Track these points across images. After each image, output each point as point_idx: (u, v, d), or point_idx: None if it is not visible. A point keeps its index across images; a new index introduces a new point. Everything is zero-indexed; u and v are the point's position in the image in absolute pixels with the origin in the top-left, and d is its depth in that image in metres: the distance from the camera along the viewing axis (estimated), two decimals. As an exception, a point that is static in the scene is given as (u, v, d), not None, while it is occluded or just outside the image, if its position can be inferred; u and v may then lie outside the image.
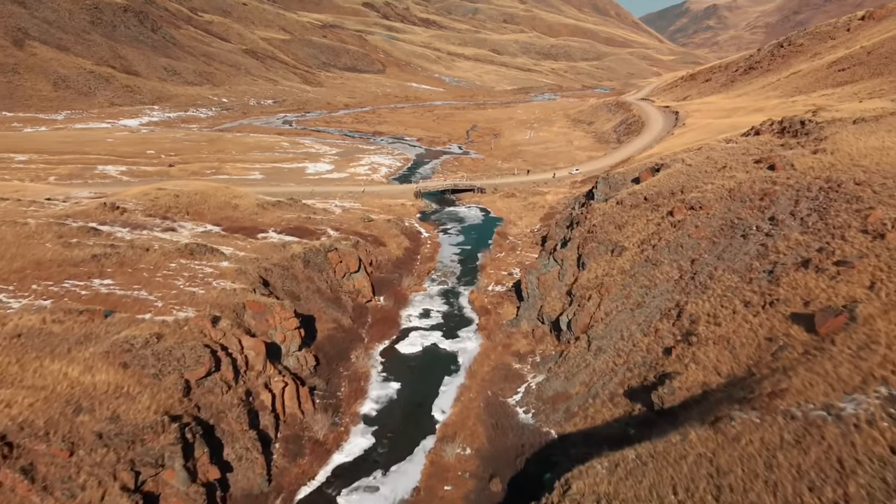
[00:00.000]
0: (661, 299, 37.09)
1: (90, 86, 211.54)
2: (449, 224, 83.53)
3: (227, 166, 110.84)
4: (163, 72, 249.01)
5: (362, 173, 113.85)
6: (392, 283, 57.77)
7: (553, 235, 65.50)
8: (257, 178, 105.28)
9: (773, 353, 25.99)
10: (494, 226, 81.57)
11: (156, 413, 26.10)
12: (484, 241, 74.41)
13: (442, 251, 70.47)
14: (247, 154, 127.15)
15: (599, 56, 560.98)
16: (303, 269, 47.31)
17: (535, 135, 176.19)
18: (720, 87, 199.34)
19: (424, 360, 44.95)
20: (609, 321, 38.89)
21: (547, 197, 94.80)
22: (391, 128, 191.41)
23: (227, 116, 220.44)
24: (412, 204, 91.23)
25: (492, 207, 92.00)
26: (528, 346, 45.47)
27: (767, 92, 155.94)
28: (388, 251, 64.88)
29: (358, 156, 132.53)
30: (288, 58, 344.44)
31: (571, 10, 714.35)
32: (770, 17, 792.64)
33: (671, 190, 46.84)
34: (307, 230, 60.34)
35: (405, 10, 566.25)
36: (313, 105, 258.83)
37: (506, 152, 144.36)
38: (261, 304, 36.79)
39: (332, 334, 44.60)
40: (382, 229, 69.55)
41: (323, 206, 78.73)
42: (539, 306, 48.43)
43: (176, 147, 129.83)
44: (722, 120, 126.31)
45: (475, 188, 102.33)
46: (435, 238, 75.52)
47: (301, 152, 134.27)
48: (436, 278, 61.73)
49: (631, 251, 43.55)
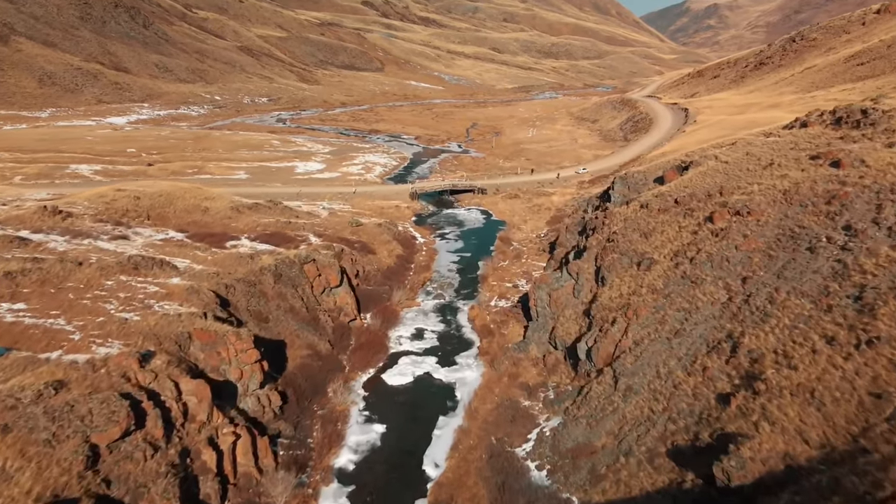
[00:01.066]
0: (706, 327, 29.92)
1: (77, 82, 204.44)
2: (447, 228, 76.27)
3: (211, 165, 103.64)
4: (154, 69, 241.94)
5: (355, 173, 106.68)
6: (381, 297, 50.60)
7: (563, 242, 58.37)
8: (242, 177, 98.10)
9: (887, 418, 18.85)
10: (497, 230, 74.32)
11: (37, 500, 18.95)
12: (485, 248, 67.20)
13: (439, 259, 63.27)
14: (233, 153, 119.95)
15: (601, 54, 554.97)
16: (273, 284, 40.15)
17: (538, 133, 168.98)
18: (730, 83, 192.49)
19: (415, 394, 37.79)
20: (639, 352, 31.75)
21: (553, 198, 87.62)
22: (388, 126, 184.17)
23: (219, 114, 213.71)
24: (407, 206, 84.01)
25: (493, 210, 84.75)
26: (539, 376, 38.34)
27: (781, 88, 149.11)
28: (378, 260, 57.73)
29: (352, 154, 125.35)
30: (284, 55, 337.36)
31: (572, 9, 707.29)
32: (771, 17, 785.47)
33: (707, 191, 39.64)
34: (285, 237, 53.15)
35: (404, 9, 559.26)
36: (309, 103, 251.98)
37: (507, 151, 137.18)
38: (211, 332, 29.64)
39: (305, 363, 37.46)
40: (372, 235, 62.40)
41: (308, 209, 71.59)
42: (551, 328, 41.30)
43: (159, 145, 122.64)
44: (736, 116, 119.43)
45: (475, 189, 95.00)
46: (431, 244, 68.34)
47: (292, 151, 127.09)
48: (431, 291, 54.54)
49: (662, 265, 36.39)
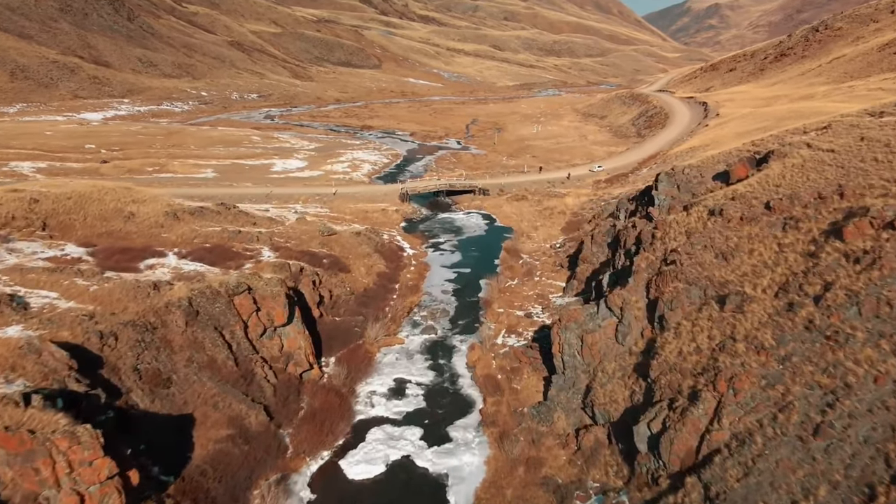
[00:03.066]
0: (876, 425, 17.38)
1: (52, 76, 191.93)
2: (442, 236, 63.49)
3: (176, 163, 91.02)
4: (137, 63, 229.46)
5: (340, 171, 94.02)
6: (351, 332, 37.97)
7: (588, 257, 45.72)
8: (208, 176, 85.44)
9: None
10: (502, 239, 61.62)
11: None
12: (489, 262, 54.59)
13: (431, 277, 50.58)
14: (206, 149, 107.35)
15: (604, 52, 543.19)
16: (184, 327, 27.69)
17: (544, 129, 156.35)
18: (748, 76, 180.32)
19: (388, 497, 25.24)
20: (750, 459, 19.15)
21: (566, 200, 74.97)
22: (382, 122, 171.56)
23: (204, 111, 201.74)
24: (396, 209, 71.31)
25: (497, 214, 72.01)
26: (571, 466, 25.77)
27: (810, 79, 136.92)
28: (353, 280, 45.13)
29: (339, 151, 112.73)
30: (278, 52, 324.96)
31: (573, 8, 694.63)
32: (773, 16, 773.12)
33: (816, 192, 27.10)
34: (228, 252, 40.51)
35: (404, 7, 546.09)
36: (301, 100, 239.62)
37: (511, 148, 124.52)
38: (20, 436, 17.07)
39: (222, 450, 24.89)
40: (348, 246, 49.80)
41: (275, 213, 58.98)
42: (584, 386, 28.76)
43: (125, 141, 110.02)
44: (765, 108, 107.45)
45: (476, 189, 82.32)
46: (422, 257, 55.65)
47: (273, 147, 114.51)
48: (419, 321, 41.91)
49: (761, 304, 23.82)
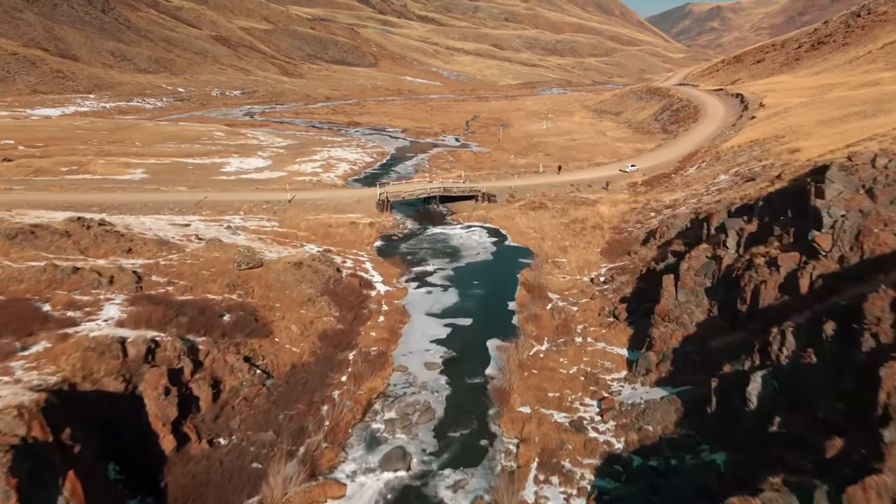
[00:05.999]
0: None
1: (9, 70, 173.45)
2: (431, 262, 44.29)
3: (102, 161, 72.30)
4: (109, 57, 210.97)
5: (308, 172, 75.23)
6: (239, 480, 19.32)
7: (672, 310, 26.75)
8: (135, 178, 66.65)
9: None
10: (518, 266, 42.59)
11: None
12: (500, 305, 35.70)
13: (409, 335, 31.58)
14: (152, 146, 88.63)
15: (608, 52, 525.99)
16: None
17: (554, 125, 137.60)
18: (780, 66, 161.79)
19: None
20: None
21: (600, 209, 56.09)
22: (372, 118, 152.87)
23: (179, 107, 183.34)
24: (370, 222, 52.36)
25: (509, 228, 52.98)
26: None
27: (862, 66, 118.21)
28: (274, 350, 26.33)
29: (314, 149, 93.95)
30: (268, 48, 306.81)
31: (575, 9, 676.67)
32: (775, 19, 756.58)
33: None
34: (27, 315, 21.80)
35: (402, 7, 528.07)
36: (289, 97, 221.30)
37: (519, 145, 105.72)
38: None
39: None
40: (277, 287, 31.10)
41: (177, 235, 40.24)
42: None
43: (58, 137, 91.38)
44: (826, 96, 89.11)
45: (479, 194, 63.37)
46: (398, 297, 36.69)
47: (236, 144, 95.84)
48: (381, 435, 23.11)
49: None
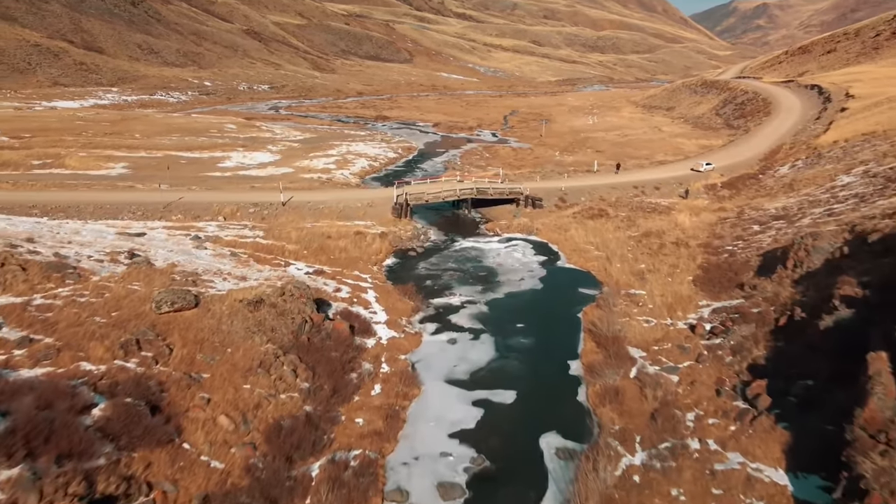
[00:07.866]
0: None
1: (31, 62, 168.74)
2: (458, 292, 31.89)
3: (80, 155, 62.70)
4: (136, 50, 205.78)
5: (319, 168, 64.16)
6: None
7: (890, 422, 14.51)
8: (112, 173, 56.58)
9: None
10: (577, 299, 29.99)
11: None
12: (555, 368, 23.24)
13: (414, 424, 19.25)
14: (152, 138, 79.17)
15: (651, 49, 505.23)
16: None
17: (601, 120, 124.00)
18: (857, 56, 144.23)
19: None
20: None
21: (679, 218, 43.16)
22: (403, 113, 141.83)
23: (203, 101, 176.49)
24: (382, 232, 40.69)
25: (560, 243, 40.44)
26: None
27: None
28: (174, 474, 14.93)
29: (331, 143, 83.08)
30: (301, 43, 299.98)
31: (616, 6, 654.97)
32: (825, 16, 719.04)
33: None
34: None
35: (439, 4, 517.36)
36: (319, 92, 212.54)
37: (564, 141, 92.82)
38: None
39: None
40: (216, 342, 19.73)
41: (91, 252, 29.40)
42: None
43: (50, 127, 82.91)
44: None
45: (521, 197, 50.99)
46: (406, 351, 24.63)
47: (245, 137, 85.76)
48: None
49: None
